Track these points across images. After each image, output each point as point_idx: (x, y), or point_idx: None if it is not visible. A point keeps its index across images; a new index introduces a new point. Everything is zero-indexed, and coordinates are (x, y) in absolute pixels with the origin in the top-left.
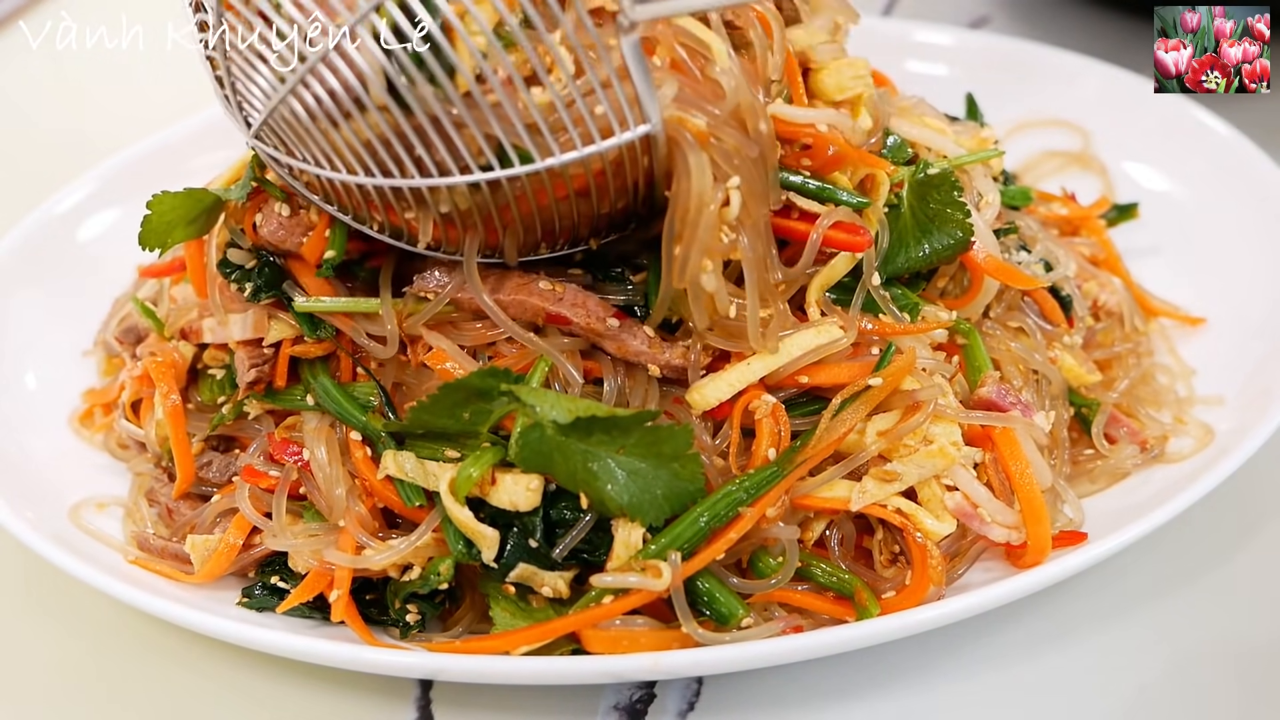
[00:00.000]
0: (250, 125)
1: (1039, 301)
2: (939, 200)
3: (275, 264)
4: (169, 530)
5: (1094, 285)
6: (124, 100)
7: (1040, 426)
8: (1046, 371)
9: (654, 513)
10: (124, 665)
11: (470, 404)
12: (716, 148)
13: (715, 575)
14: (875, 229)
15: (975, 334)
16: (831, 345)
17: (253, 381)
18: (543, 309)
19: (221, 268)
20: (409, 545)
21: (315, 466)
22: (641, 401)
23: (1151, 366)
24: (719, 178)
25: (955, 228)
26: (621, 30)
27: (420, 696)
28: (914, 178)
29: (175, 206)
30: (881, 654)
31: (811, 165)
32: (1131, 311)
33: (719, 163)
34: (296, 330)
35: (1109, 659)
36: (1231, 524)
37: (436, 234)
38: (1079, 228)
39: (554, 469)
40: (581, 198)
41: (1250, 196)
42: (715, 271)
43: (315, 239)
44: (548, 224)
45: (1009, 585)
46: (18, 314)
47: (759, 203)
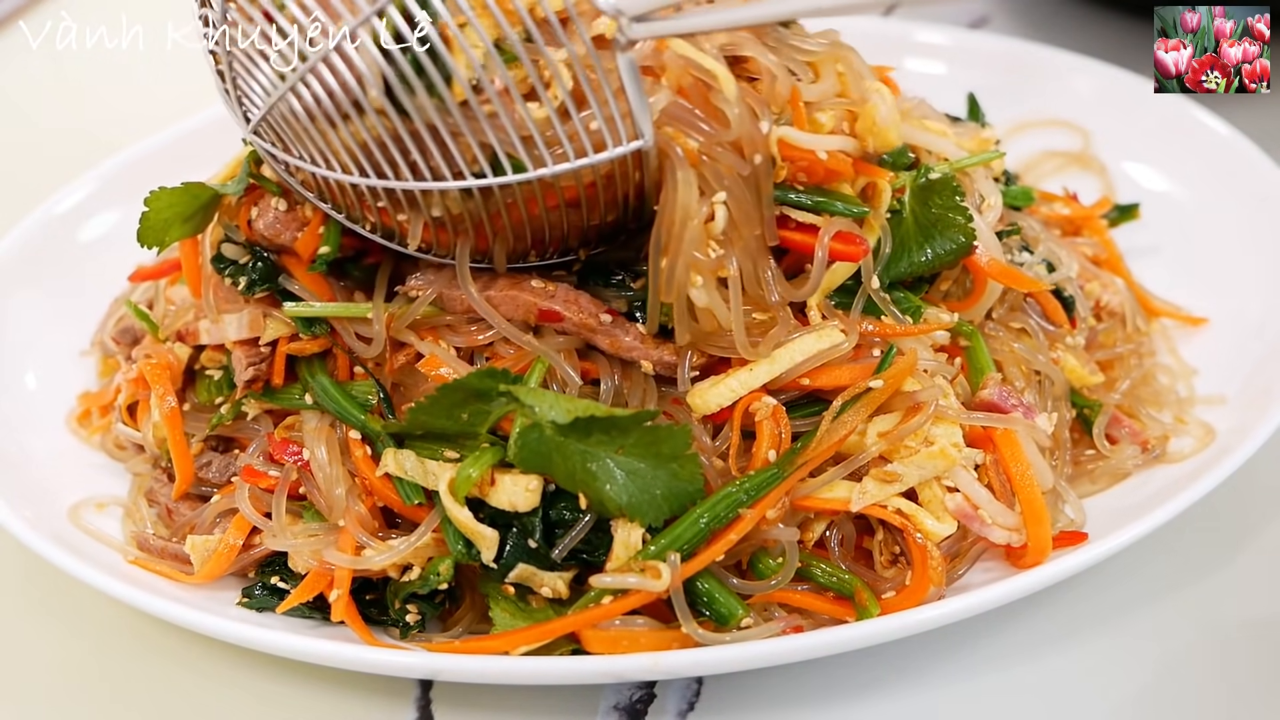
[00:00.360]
0: (249, 121)
1: (1041, 302)
2: (940, 205)
3: (269, 259)
4: (168, 530)
5: (1096, 285)
6: (124, 100)
7: (1043, 429)
8: (1049, 372)
9: (653, 513)
10: (124, 665)
11: (469, 405)
12: (707, 165)
13: (715, 576)
14: (876, 236)
15: (978, 336)
16: (833, 350)
17: (250, 380)
18: (535, 305)
19: (215, 263)
20: (409, 546)
21: (315, 466)
22: (640, 401)
23: (1153, 367)
24: (705, 192)
25: (957, 232)
26: (618, 48)
27: (420, 696)
28: (915, 183)
29: (172, 203)
30: (881, 654)
31: (808, 180)
32: (1134, 312)
33: (708, 179)
34: (292, 328)
35: (1110, 659)
36: (1232, 524)
37: (427, 236)
38: (1081, 228)
39: (553, 469)
40: (572, 208)
41: (1250, 196)
42: (707, 286)
43: (309, 234)
44: (538, 232)
45: (1009, 585)
46: (18, 314)
47: (749, 223)
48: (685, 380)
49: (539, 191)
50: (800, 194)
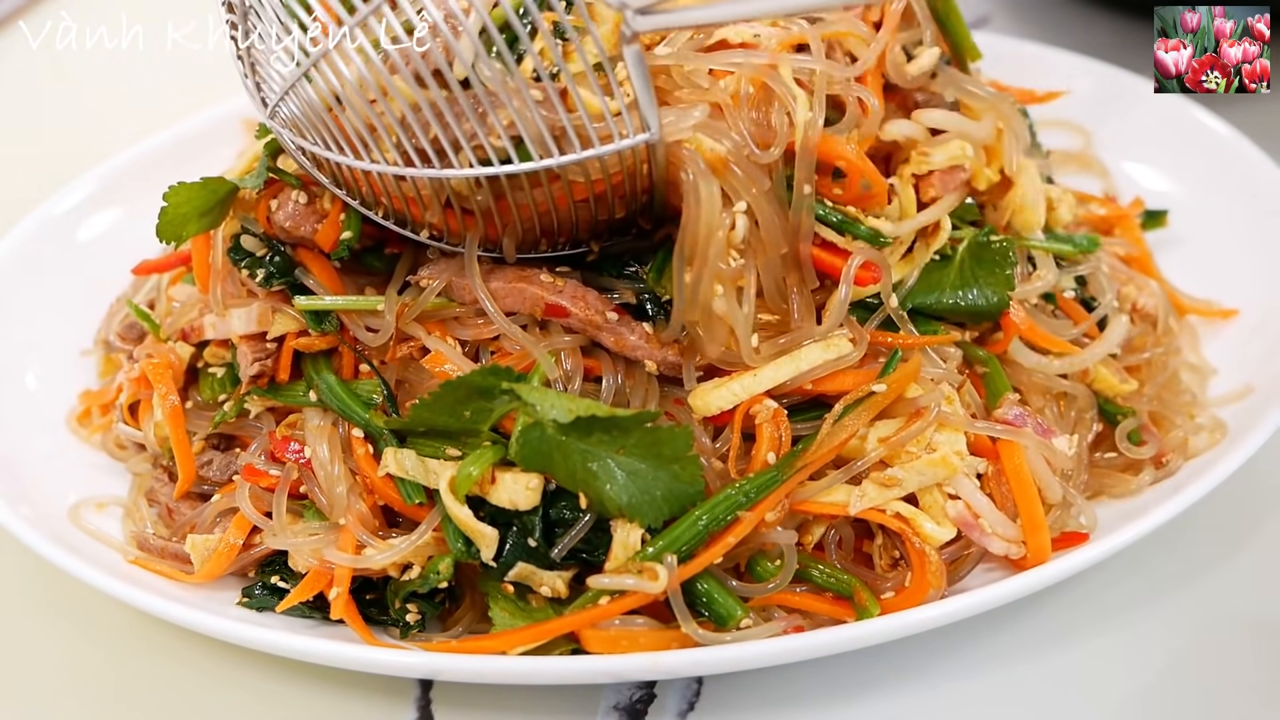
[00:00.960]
0: (267, 105)
1: (1071, 315)
2: (989, 264)
3: (286, 253)
4: (169, 530)
5: (1132, 289)
6: (124, 100)
7: (1060, 450)
8: (1072, 390)
9: (653, 514)
10: (124, 665)
11: (472, 402)
12: (734, 175)
13: (714, 576)
14: (905, 273)
15: (994, 361)
16: (840, 361)
17: (256, 375)
18: (542, 299)
19: (232, 254)
20: (409, 545)
21: (317, 464)
22: (641, 401)
23: (1179, 366)
24: (728, 203)
25: (993, 293)
26: (624, 40)
27: (420, 696)
28: (975, 239)
29: (191, 198)
30: (881, 654)
31: (842, 198)
32: (1166, 312)
33: (737, 188)
34: (301, 324)
35: (1111, 659)
36: (1233, 523)
37: (439, 224)
38: (1114, 227)
39: (554, 468)
40: (581, 203)
41: (1250, 196)
42: (727, 294)
43: (330, 224)
44: (547, 224)
45: (1009, 585)
46: (18, 314)
47: (773, 241)
48: (691, 380)
49: (546, 182)
50: (830, 209)
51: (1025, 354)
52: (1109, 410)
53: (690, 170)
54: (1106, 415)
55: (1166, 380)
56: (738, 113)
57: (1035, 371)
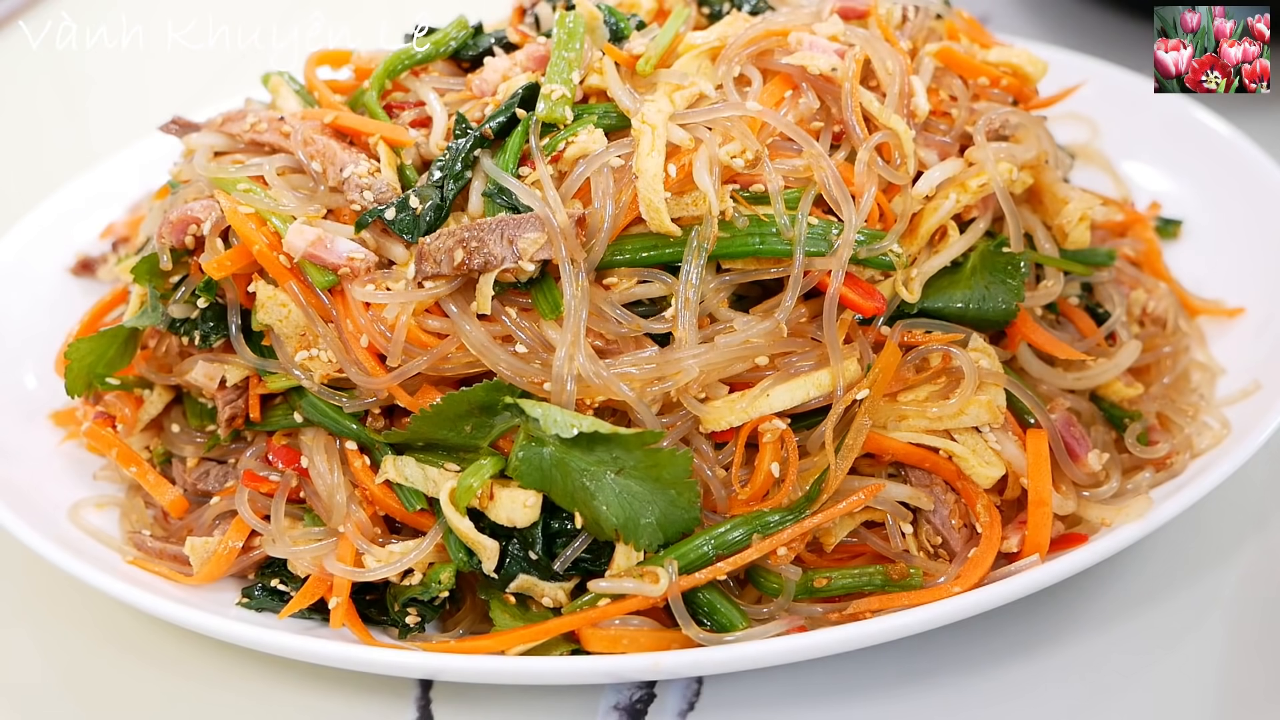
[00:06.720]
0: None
1: (1074, 320)
2: (999, 273)
3: (217, 302)
4: (166, 532)
5: (1141, 293)
6: (124, 100)
7: (1091, 465)
8: (1076, 406)
9: (647, 538)
10: (124, 665)
11: (473, 417)
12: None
13: (717, 588)
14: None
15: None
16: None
17: (231, 418)
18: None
19: (173, 329)
20: (411, 559)
21: (315, 474)
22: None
23: (1188, 365)
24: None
25: (1002, 300)
26: None
27: (420, 696)
28: (988, 246)
29: (92, 349)
30: (882, 654)
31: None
32: (1176, 313)
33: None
34: (248, 369)
35: (1111, 659)
36: (1233, 523)
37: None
38: (1127, 229)
39: (551, 486)
40: None
41: (1250, 196)
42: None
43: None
44: None
45: (1010, 585)
46: (17, 314)
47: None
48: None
49: None
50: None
51: (1033, 363)
52: (1115, 415)
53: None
54: (1113, 420)
55: (1175, 380)
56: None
57: (1042, 381)
